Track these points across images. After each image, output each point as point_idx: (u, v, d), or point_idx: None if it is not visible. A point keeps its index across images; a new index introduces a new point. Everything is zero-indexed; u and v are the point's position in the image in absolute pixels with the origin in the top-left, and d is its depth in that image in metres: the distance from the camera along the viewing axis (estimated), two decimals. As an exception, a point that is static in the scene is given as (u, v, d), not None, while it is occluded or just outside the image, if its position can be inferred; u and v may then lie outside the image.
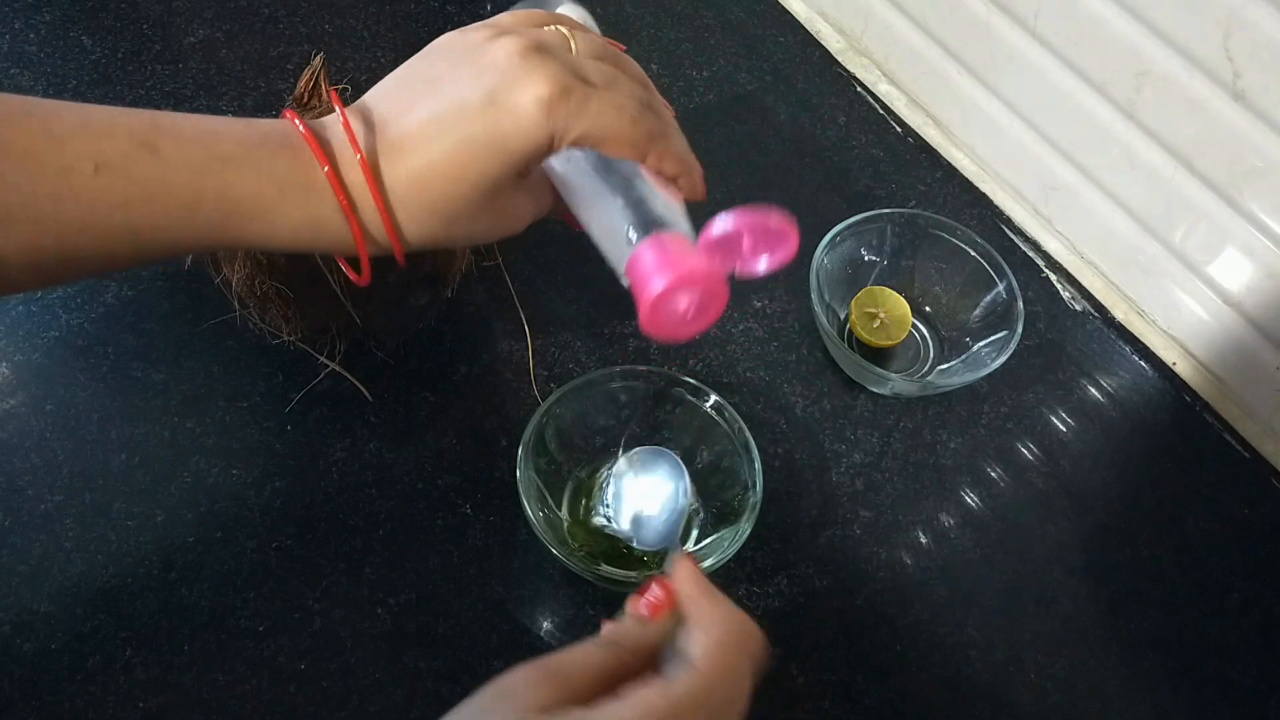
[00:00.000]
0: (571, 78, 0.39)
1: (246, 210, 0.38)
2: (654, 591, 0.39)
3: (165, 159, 0.37)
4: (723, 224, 0.39)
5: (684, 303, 0.41)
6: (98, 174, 0.35)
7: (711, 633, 0.36)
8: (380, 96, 0.42)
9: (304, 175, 0.39)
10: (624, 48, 0.47)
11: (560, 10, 0.49)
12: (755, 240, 0.40)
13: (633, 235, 0.41)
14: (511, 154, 0.39)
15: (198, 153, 0.37)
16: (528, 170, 0.42)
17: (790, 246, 0.40)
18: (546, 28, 0.43)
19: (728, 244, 0.40)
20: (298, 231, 0.40)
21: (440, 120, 0.39)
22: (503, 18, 0.43)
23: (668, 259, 0.40)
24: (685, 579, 0.39)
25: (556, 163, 0.45)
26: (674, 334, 0.42)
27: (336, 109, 0.41)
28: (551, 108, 0.38)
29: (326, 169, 0.38)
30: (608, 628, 0.38)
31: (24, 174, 0.34)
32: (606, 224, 0.43)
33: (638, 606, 0.39)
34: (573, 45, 0.42)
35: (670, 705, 0.33)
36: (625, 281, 0.42)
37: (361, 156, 0.39)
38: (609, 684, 0.34)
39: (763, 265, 0.41)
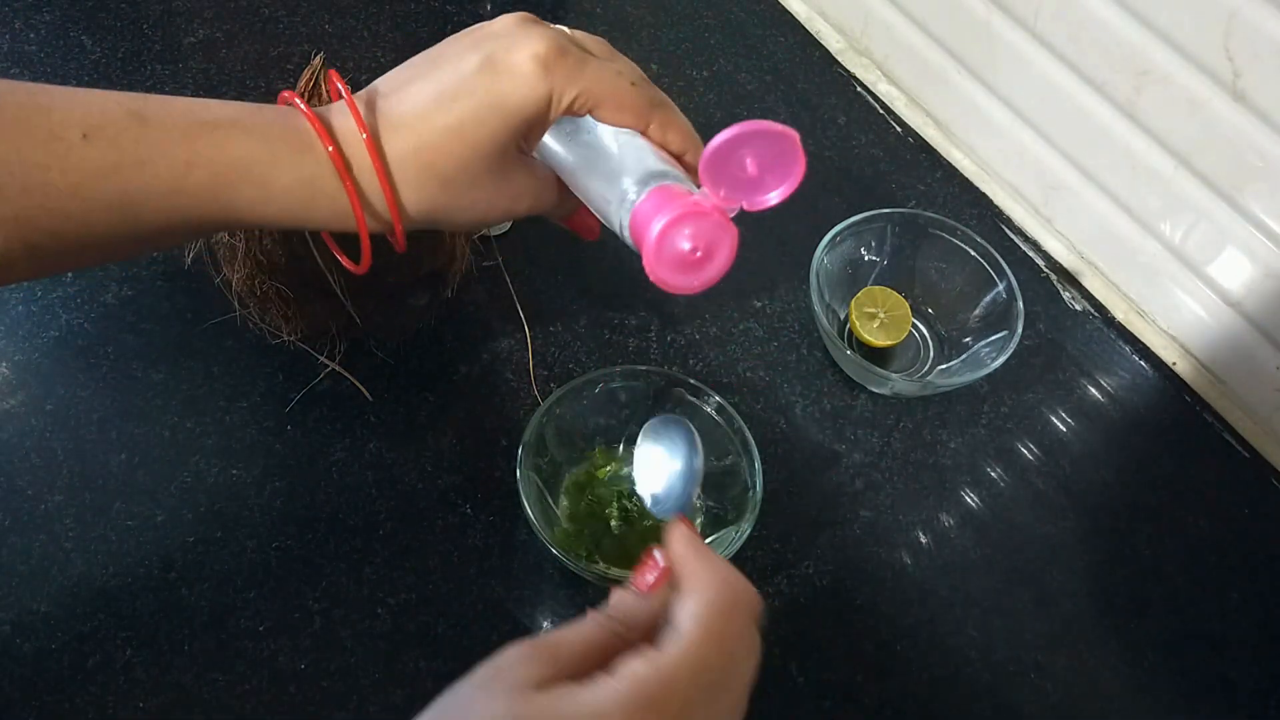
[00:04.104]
0: (569, 43, 0.40)
1: (239, 173, 0.38)
2: (652, 562, 0.38)
3: (154, 125, 0.37)
4: (719, 137, 0.37)
5: (690, 243, 0.40)
6: (86, 141, 0.35)
7: (700, 596, 0.35)
8: (381, 79, 0.43)
9: (298, 138, 0.39)
10: None
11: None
12: (758, 157, 0.38)
13: (633, 193, 0.40)
14: (511, 113, 0.39)
15: (187, 118, 0.37)
16: (529, 138, 0.42)
17: (797, 168, 0.38)
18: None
19: (729, 166, 0.38)
20: (291, 195, 0.39)
21: (440, 87, 0.40)
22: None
23: (669, 201, 0.39)
24: (677, 541, 0.37)
25: (557, 143, 0.45)
26: (684, 282, 0.41)
27: (339, 85, 0.42)
28: (549, 65, 0.39)
29: (318, 125, 0.39)
30: (610, 601, 0.37)
31: (10, 142, 0.34)
32: (608, 190, 0.42)
33: (638, 580, 0.38)
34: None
35: (660, 675, 0.31)
36: (632, 244, 0.41)
37: (356, 113, 0.39)
38: (604, 659, 0.33)
39: (773, 196, 0.39)
